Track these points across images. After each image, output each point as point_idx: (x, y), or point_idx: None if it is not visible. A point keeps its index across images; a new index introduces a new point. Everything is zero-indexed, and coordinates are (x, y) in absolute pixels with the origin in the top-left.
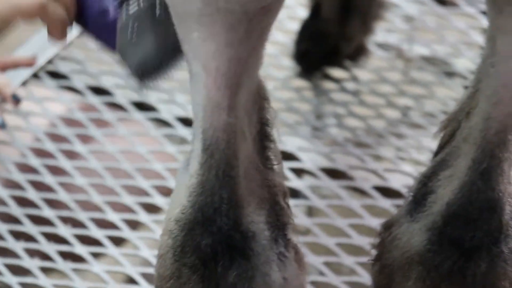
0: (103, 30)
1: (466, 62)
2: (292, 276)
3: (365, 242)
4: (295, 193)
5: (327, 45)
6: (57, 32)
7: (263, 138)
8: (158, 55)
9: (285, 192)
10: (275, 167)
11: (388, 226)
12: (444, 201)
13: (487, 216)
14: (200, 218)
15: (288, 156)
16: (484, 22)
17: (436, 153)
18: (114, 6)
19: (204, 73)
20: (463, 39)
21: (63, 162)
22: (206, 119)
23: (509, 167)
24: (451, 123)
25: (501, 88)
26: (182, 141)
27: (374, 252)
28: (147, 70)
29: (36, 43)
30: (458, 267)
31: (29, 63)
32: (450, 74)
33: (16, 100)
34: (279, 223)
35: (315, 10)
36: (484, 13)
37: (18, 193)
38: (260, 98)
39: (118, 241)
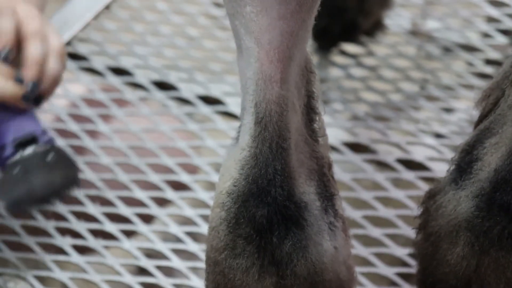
0: None
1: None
2: (341, 246)
3: (391, 214)
4: None
5: (346, 21)
6: None
7: (309, 110)
8: (40, 194)
9: (330, 164)
10: (321, 139)
11: (432, 195)
12: (491, 168)
13: None
14: (254, 190)
15: None
16: None
17: (479, 122)
18: (11, 147)
19: (256, 47)
20: (476, 12)
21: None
22: (259, 92)
23: None
24: (494, 91)
25: None
26: (203, 119)
27: (417, 221)
28: (24, 204)
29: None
30: (508, 231)
31: None
32: (464, 47)
33: None
34: (328, 193)
35: None
36: None
37: None
38: (307, 71)
39: (147, 219)
